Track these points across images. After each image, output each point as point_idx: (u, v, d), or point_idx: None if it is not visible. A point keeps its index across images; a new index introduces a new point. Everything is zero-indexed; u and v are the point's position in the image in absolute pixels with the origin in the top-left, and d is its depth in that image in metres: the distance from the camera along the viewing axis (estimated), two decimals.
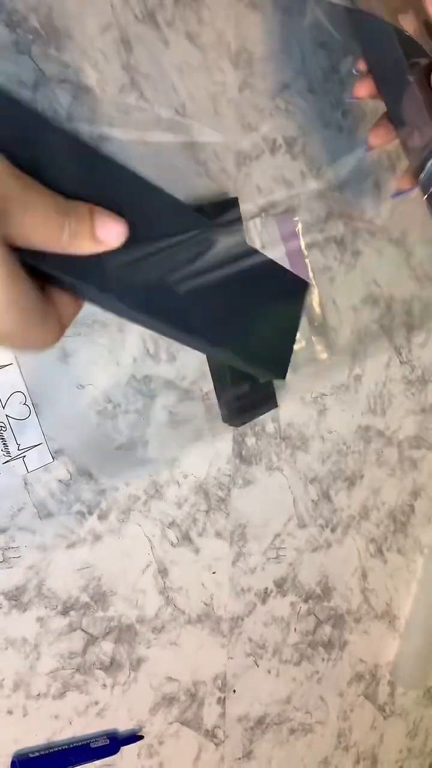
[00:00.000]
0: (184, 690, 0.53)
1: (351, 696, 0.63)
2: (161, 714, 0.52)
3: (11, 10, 0.43)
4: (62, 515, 0.46)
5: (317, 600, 0.59)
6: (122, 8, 0.46)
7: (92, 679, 0.49)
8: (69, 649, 0.48)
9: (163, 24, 0.47)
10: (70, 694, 0.48)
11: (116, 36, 0.46)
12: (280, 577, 0.57)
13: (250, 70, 0.50)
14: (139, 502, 0.49)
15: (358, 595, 0.62)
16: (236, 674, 0.56)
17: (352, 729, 0.63)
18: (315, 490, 0.58)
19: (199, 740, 0.54)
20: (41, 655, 0.47)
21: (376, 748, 0.66)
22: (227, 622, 0.54)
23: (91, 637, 0.48)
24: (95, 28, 0.45)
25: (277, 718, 0.59)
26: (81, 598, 0.48)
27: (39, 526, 0.46)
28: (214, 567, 0.53)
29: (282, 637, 0.58)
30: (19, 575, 0.45)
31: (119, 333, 0.47)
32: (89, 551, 0.48)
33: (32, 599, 0.46)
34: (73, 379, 0.46)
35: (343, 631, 0.61)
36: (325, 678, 0.61)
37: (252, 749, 0.57)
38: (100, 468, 0.47)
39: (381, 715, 0.65)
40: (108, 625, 0.49)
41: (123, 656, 0.50)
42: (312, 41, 0.53)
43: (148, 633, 0.51)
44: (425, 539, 0.66)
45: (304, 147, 0.53)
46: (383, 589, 0.63)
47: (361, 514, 0.61)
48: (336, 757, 0.63)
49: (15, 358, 0.44)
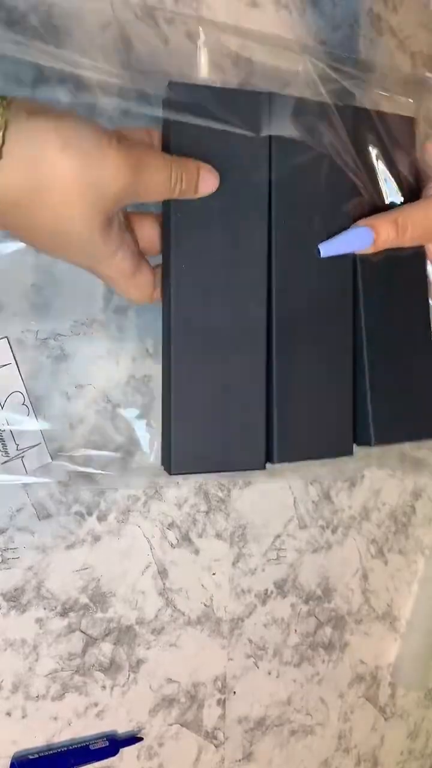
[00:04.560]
0: (184, 691, 0.53)
1: (352, 697, 0.63)
2: (161, 715, 0.52)
3: (11, 8, 0.43)
4: (61, 516, 0.46)
5: (318, 601, 0.59)
6: (122, 7, 0.46)
7: (91, 680, 0.49)
8: (68, 651, 0.47)
9: (162, 22, 0.47)
10: (69, 696, 0.48)
11: (116, 34, 0.46)
12: (281, 578, 0.57)
13: (251, 69, 0.50)
14: (138, 502, 0.49)
15: (359, 596, 0.61)
16: (236, 676, 0.55)
17: (352, 730, 0.63)
18: (316, 491, 0.57)
19: (199, 742, 0.54)
20: (40, 657, 0.46)
21: (377, 749, 0.65)
22: (227, 624, 0.54)
23: (90, 639, 0.48)
24: (95, 27, 0.45)
25: (278, 719, 0.58)
26: (80, 600, 0.47)
27: (38, 526, 0.45)
28: (214, 568, 0.53)
29: (282, 638, 0.57)
30: (17, 576, 0.45)
31: (118, 332, 0.47)
32: (88, 552, 0.47)
33: (31, 600, 0.46)
34: (72, 379, 0.46)
35: (343, 633, 0.61)
36: (325, 679, 0.61)
37: (252, 751, 0.57)
38: (99, 468, 0.47)
39: (382, 717, 0.65)
40: (107, 627, 0.49)
41: (122, 658, 0.50)
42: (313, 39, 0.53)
43: (147, 634, 0.51)
44: (426, 540, 0.65)
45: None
46: (384, 590, 0.63)
47: (362, 515, 0.60)
48: (336, 758, 0.63)
49: (14, 357, 0.44)
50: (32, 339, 0.44)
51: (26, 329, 0.44)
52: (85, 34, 0.45)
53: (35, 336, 0.44)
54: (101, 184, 0.30)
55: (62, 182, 0.29)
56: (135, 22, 0.46)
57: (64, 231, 0.31)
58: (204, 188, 0.36)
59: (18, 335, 0.44)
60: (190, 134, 0.37)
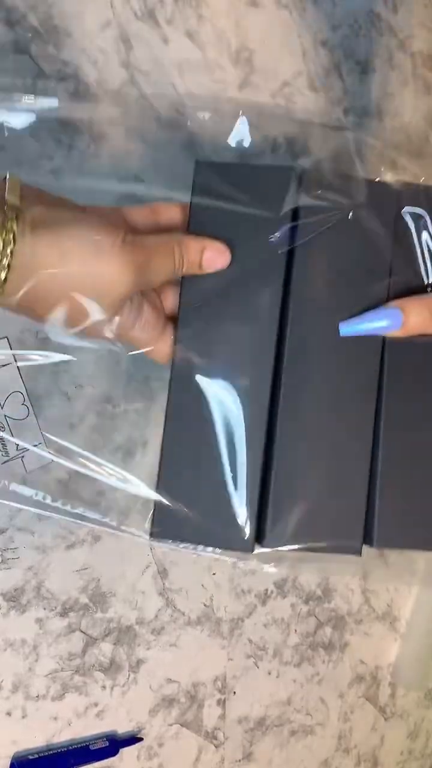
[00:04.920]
0: (184, 691, 0.53)
1: (352, 697, 0.63)
2: (161, 716, 0.52)
3: (11, 8, 0.43)
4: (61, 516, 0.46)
5: (318, 601, 0.59)
6: (122, 6, 0.46)
7: (91, 680, 0.49)
8: (68, 651, 0.47)
9: (162, 21, 0.47)
10: (69, 696, 0.48)
11: (116, 34, 0.46)
12: (281, 579, 0.56)
13: (251, 68, 0.50)
14: (138, 502, 0.49)
15: (359, 596, 0.61)
16: (236, 676, 0.55)
17: (352, 731, 0.63)
18: None
19: (199, 742, 0.54)
20: (40, 657, 0.46)
21: (377, 749, 0.65)
22: (227, 624, 0.54)
23: (90, 639, 0.48)
24: (95, 26, 0.45)
25: (278, 719, 0.58)
26: (80, 600, 0.47)
27: (38, 527, 0.45)
28: (214, 568, 0.53)
29: (282, 638, 0.57)
30: (17, 576, 0.45)
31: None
32: (88, 552, 0.47)
33: (31, 600, 0.46)
34: (72, 379, 0.46)
35: (343, 633, 0.61)
36: (325, 679, 0.60)
37: (252, 751, 0.57)
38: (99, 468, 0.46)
39: (382, 717, 0.65)
40: (107, 627, 0.49)
41: (122, 658, 0.50)
42: (313, 38, 0.53)
43: (147, 634, 0.50)
44: None
45: (305, 145, 0.53)
46: (384, 590, 0.63)
47: None
48: (336, 758, 0.63)
49: (14, 357, 0.44)
50: (32, 339, 0.44)
51: (26, 329, 0.44)
52: (85, 34, 0.45)
53: (35, 336, 0.44)
54: (102, 288, 0.32)
55: (61, 291, 0.31)
56: (135, 22, 0.46)
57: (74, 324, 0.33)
58: (209, 267, 0.36)
59: (18, 335, 0.44)
60: (211, 212, 0.37)
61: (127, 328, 0.36)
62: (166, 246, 0.35)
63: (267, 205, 0.37)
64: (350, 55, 0.54)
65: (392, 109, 0.57)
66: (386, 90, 0.57)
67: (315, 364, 0.38)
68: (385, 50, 0.56)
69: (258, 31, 0.50)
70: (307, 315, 0.38)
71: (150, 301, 0.37)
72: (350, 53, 0.54)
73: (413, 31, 0.58)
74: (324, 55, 0.53)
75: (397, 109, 0.57)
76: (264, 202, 0.37)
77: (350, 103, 0.55)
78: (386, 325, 0.36)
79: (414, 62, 0.58)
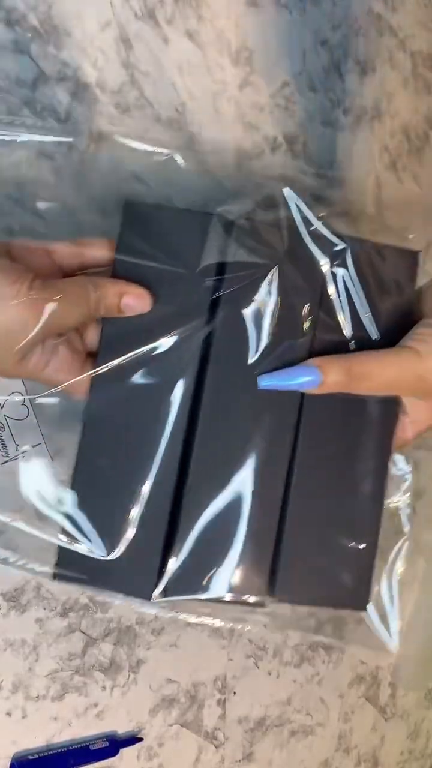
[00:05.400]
0: (184, 692, 0.53)
1: (352, 698, 0.62)
2: (161, 716, 0.52)
3: (10, 8, 0.43)
4: None
5: None
6: (122, 6, 0.46)
7: (91, 680, 0.49)
8: (68, 651, 0.47)
9: (162, 22, 0.47)
10: (69, 696, 0.48)
11: (116, 34, 0.46)
12: None
13: (251, 68, 0.50)
14: None
15: None
16: (236, 676, 0.55)
17: (352, 731, 0.63)
18: None
19: (199, 742, 0.54)
20: (40, 657, 0.46)
21: (377, 750, 0.65)
22: None
23: (90, 639, 0.48)
24: (94, 26, 0.45)
25: (278, 719, 0.58)
26: (80, 600, 0.47)
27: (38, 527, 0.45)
28: None
29: (282, 638, 0.57)
30: (17, 576, 0.45)
31: None
32: None
33: (31, 600, 0.46)
34: None
35: (343, 633, 0.61)
36: (325, 680, 0.60)
37: (252, 751, 0.57)
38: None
39: (382, 717, 0.65)
40: (107, 627, 0.49)
41: (122, 658, 0.50)
42: (313, 38, 0.53)
43: (147, 635, 0.50)
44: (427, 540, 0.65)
45: (305, 145, 0.53)
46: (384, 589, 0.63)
47: None
48: (337, 759, 0.63)
49: None
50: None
51: None
52: (85, 34, 0.45)
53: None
54: (4, 335, 0.32)
55: None
56: (135, 22, 0.46)
57: None
58: (128, 312, 0.36)
59: None
60: (137, 254, 0.37)
61: (38, 371, 0.35)
62: (82, 289, 0.34)
63: (188, 254, 0.37)
64: (350, 55, 0.54)
65: (392, 109, 0.57)
66: (386, 90, 0.57)
67: (233, 413, 0.38)
68: (385, 50, 0.56)
69: (258, 31, 0.50)
70: (228, 365, 0.38)
71: (69, 341, 0.37)
72: (350, 53, 0.54)
73: (413, 31, 0.58)
74: (324, 55, 0.53)
75: (397, 109, 0.57)
76: (186, 252, 0.37)
77: (350, 103, 0.55)
78: (304, 382, 0.36)
79: (414, 62, 0.58)
